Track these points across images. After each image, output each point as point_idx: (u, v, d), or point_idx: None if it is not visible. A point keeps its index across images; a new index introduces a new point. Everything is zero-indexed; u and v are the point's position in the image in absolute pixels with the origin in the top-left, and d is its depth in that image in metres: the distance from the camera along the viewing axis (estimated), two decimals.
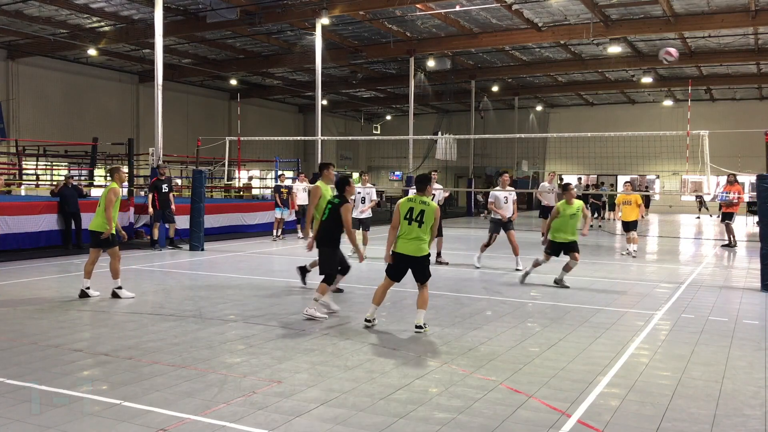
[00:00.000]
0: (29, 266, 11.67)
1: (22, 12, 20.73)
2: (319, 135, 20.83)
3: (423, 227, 6.92)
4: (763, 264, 10.09)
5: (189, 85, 33.47)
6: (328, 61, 25.00)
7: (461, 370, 5.60)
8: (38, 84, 26.86)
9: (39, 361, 5.66)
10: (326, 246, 7.75)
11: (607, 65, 27.82)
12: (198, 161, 16.88)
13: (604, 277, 11.39)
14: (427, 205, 6.97)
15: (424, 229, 6.94)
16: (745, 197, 22.65)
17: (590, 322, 7.56)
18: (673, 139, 22.11)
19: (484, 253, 12.42)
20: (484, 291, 9.78)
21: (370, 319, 7.16)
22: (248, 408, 4.58)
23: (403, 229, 6.98)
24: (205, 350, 6.10)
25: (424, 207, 6.96)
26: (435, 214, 6.96)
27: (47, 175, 24.49)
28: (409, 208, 6.99)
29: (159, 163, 15.38)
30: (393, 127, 42.13)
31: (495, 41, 23.80)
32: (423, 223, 6.91)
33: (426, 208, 6.95)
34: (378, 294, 7.16)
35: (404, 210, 6.99)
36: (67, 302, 8.40)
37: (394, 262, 7.05)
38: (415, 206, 6.98)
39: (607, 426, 4.38)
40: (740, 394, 5.09)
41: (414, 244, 6.93)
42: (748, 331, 7.27)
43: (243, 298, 8.82)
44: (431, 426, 4.33)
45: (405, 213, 6.97)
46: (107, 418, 4.38)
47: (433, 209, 6.97)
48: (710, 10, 20.14)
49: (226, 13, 19.58)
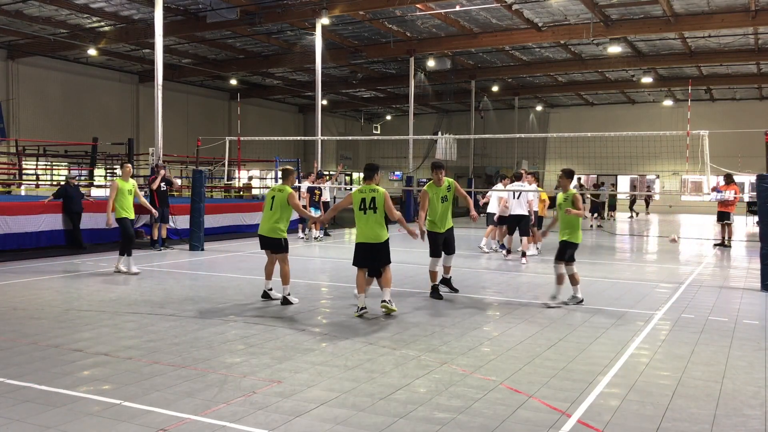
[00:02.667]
0: (29, 266, 11.67)
1: (22, 12, 20.74)
2: (319, 135, 20.84)
3: (378, 213, 7.63)
4: (763, 264, 10.09)
5: (189, 85, 33.48)
6: (328, 61, 25.02)
7: (461, 370, 5.60)
8: (38, 84, 26.87)
9: (39, 361, 5.66)
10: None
11: (607, 65, 27.83)
12: (198, 161, 16.87)
13: (604, 277, 11.39)
14: (377, 192, 7.66)
15: (379, 215, 7.64)
16: (745, 197, 22.68)
17: (590, 322, 7.56)
18: (673, 139, 22.14)
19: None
20: (484, 291, 9.78)
21: (363, 306, 7.68)
22: (248, 408, 4.58)
23: (359, 219, 7.68)
24: (205, 350, 6.10)
25: (374, 194, 7.65)
26: (384, 197, 7.62)
27: (47, 175, 24.49)
28: (361, 198, 7.68)
29: (158, 162, 15.41)
30: (393, 127, 42.15)
31: (495, 41, 23.81)
32: (377, 208, 7.61)
33: (376, 195, 7.64)
34: (360, 283, 7.77)
35: (357, 201, 7.68)
36: (67, 302, 8.40)
37: (358, 252, 7.72)
38: (366, 196, 7.66)
39: (607, 426, 4.38)
40: (740, 394, 5.08)
41: (373, 231, 7.65)
42: (748, 331, 7.27)
43: (243, 298, 8.82)
44: (431, 426, 4.33)
45: (358, 204, 7.67)
46: (107, 418, 4.38)
47: (382, 194, 7.64)
48: (710, 10, 20.15)
49: (226, 13, 19.59)
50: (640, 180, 38.26)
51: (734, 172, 15.08)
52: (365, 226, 7.67)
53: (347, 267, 12.32)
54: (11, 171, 22.07)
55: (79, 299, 8.56)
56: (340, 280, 10.72)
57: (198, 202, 14.95)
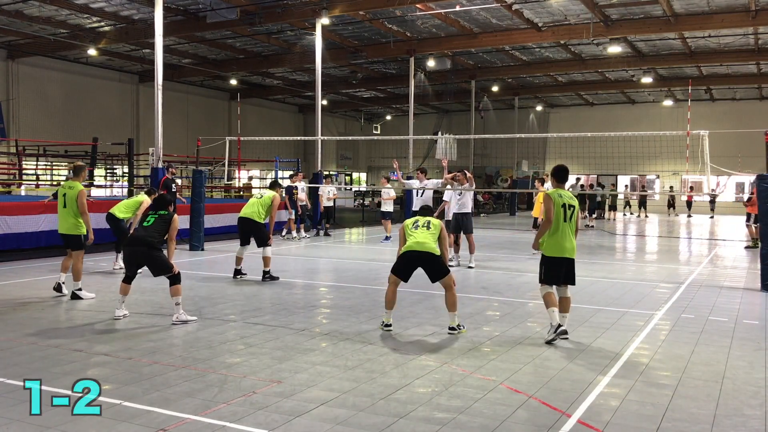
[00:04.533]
0: (29, 266, 11.68)
1: (22, 12, 20.73)
2: (319, 135, 20.83)
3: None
4: (763, 264, 10.09)
5: (189, 85, 33.47)
6: (328, 61, 25.00)
7: (461, 370, 5.60)
8: (38, 84, 26.87)
9: (39, 361, 5.66)
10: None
11: (607, 65, 27.82)
12: (198, 161, 16.88)
13: (604, 277, 11.39)
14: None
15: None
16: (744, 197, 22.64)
17: (590, 322, 7.56)
18: (673, 139, 22.16)
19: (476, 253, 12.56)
20: (484, 291, 9.78)
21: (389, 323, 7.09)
22: (248, 408, 4.58)
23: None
24: (205, 350, 6.10)
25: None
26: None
27: (47, 175, 24.48)
28: None
29: (168, 163, 15.45)
30: (393, 127, 42.15)
31: (495, 41, 23.80)
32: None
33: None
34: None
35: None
36: (66, 302, 8.40)
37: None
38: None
39: (607, 426, 4.38)
40: (740, 394, 5.08)
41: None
42: (748, 331, 7.27)
43: (243, 298, 8.82)
44: (431, 426, 4.33)
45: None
46: (107, 418, 4.38)
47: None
48: (710, 10, 20.14)
49: (226, 13, 19.58)
50: (641, 180, 38.26)
51: (751, 172, 15.07)
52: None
53: (347, 267, 12.34)
54: (11, 171, 22.07)
55: (79, 299, 8.54)
56: (340, 280, 10.72)
57: (198, 202, 14.96)
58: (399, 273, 6.98)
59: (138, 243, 7.38)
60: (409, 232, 7.09)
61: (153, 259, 7.29)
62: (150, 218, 7.57)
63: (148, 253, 7.30)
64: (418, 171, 14.22)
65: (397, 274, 6.98)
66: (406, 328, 7.14)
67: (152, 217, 7.58)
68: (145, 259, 7.37)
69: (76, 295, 8.59)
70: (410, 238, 7.01)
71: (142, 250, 7.31)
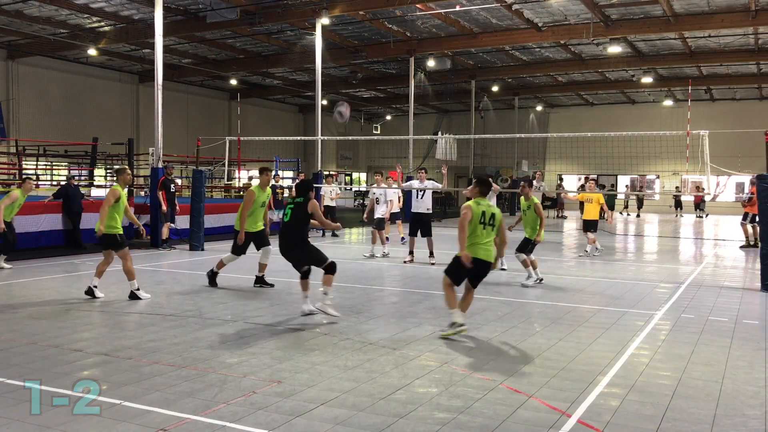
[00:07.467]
0: (29, 266, 11.67)
1: (22, 12, 20.72)
2: (319, 135, 20.81)
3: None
4: (763, 264, 10.09)
5: (189, 85, 33.46)
6: (328, 61, 24.99)
7: (461, 370, 5.60)
8: (38, 84, 26.85)
9: (39, 361, 5.66)
10: (302, 247, 7.55)
11: (607, 65, 27.82)
12: (198, 161, 16.86)
13: (603, 277, 11.39)
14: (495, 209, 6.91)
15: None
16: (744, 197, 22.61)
17: (590, 322, 7.56)
18: (673, 139, 22.10)
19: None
20: (484, 291, 9.76)
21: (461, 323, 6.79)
22: (248, 408, 4.58)
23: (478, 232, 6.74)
24: (205, 350, 6.09)
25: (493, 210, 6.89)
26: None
27: (47, 175, 24.47)
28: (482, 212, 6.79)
29: (167, 164, 15.47)
30: (393, 127, 42.13)
31: (495, 41, 23.80)
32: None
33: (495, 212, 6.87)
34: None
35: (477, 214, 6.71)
36: (67, 302, 8.40)
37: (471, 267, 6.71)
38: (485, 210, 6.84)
39: (607, 426, 4.38)
40: (740, 394, 5.08)
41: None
42: (748, 331, 7.27)
43: (243, 298, 8.82)
44: (431, 426, 4.33)
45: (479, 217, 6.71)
46: (107, 418, 4.38)
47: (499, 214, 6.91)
48: (710, 10, 20.14)
49: (226, 13, 19.58)
50: (641, 180, 38.24)
51: (750, 173, 15.03)
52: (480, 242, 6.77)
53: (348, 267, 12.33)
54: (11, 171, 22.05)
55: (79, 299, 8.55)
56: (340, 280, 10.69)
57: (198, 202, 14.97)
58: (458, 278, 6.78)
59: (286, 249, 7.54)
60: (479, 232, 6.68)
61: (307, 258, 7.53)
62: (287, 210, 7.62)
63: (300, 255, 7.51)
64: (421, 171, 13.92)
65: (452, 277, 6.77)
66: (405, 328, 7.14)
67: (289, 208, 7.61)
68: (301, 261, 7.56)
69: (135, 295, 8.55)
70: (478, 239, 6.66)
71: (295, 254, 7.52)
